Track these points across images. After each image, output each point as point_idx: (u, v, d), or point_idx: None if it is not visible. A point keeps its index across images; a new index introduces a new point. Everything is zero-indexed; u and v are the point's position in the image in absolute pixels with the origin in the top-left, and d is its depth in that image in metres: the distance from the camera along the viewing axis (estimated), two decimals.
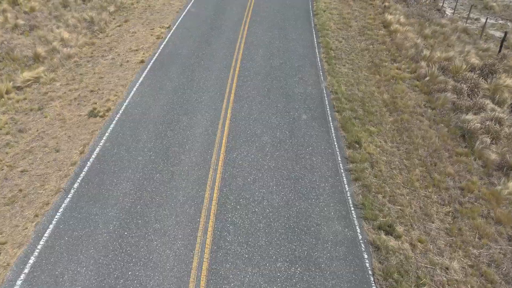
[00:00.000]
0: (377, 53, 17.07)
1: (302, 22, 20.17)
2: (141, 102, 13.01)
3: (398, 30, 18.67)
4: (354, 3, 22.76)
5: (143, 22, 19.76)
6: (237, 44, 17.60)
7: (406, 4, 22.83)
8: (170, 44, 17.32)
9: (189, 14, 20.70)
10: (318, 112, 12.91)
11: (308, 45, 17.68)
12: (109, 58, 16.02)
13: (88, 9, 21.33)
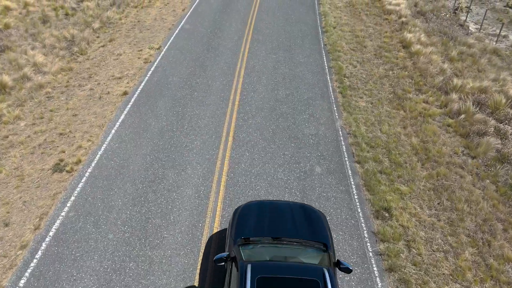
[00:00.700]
0: (398, 81, 14.75)
1: (310, 42, 17.87)
2: (119, 150, 10.71)
3: (420, 52, 16.36)
4: (367, 17, 20.47)
5: (131, 41, 17.47)
6: (236, 69, 15.31)
7: (425, 18, 20.54)
8: (159, 70, 15.02)
9: (183, 32, 18.42)
10: (335, 162, 10.60)
11: (318, 71, 15.37)
12: (87, 89, 13.73)
13: (71, 24, 19.07)
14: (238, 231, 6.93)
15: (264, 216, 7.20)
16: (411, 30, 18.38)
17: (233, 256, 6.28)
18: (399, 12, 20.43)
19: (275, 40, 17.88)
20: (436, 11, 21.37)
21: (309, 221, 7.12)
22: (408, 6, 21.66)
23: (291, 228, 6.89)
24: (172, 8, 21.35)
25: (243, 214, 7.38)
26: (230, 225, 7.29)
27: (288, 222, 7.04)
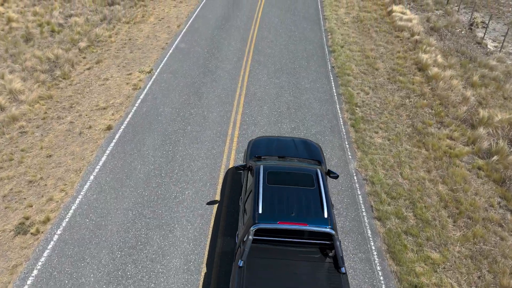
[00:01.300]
0: (416, 111, 13.17)
1: (316, 63, 16.32)
2: (96, 204, 9.11)
3: (438, 75, 14.81)
4: (377, 35, 18.94)
5: (120, 63, 15.92)
6: (235, 97, 13.74)
7: (439, 35, 19.02)
8: (149, 98, 13.46)
9: (177, 52, 16.88)
10: (351, 219, 8.99)
11: (326, 99, 13.81)
12: (66, 122, 12.16)
13: (56, 43, 17.54)
14: (252, 152, 9.02)
15: (273, 144, 9.27)
16: (426, 49, 16.84)
17: (249, 166, 8.25)
18: (412, 29, 18.91)
19: (278, 62, 16.33)
20: (450, 27, 19.88)
21: (307, 148, 9.20)
22: (420, 22, 20.15)
23: (293, 151, 8.99)
24: (166, 24, 19.85)
25: (256, 142, 9.41)
26: (246, 152, 9.36)
27: (291, 148, 9.11)
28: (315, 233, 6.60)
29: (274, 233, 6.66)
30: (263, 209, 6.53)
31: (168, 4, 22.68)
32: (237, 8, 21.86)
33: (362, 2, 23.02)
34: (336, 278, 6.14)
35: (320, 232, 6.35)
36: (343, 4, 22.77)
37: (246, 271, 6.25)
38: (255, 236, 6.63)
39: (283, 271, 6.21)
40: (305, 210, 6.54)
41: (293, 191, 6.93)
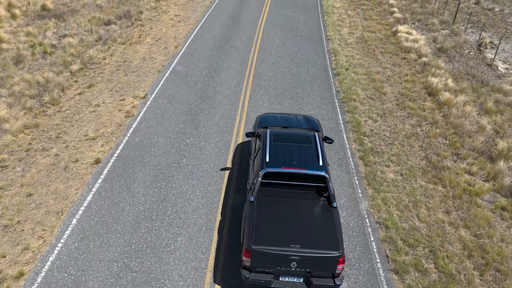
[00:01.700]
0: (429, 141, 12.25)
1: (320, 87, 15.50)
2: (78, 254, 8.09)
3: (451, 101, 13.95)
4: (383, 56, 18.18)
5: (113, 87, 15.09)
6: (235, 125, 12.85)
7: (448, 57, 18.26)
8: (142, 126, 12.57)
9: (174, 75, 16.08)
10: (364, 272, 7.96)
11: (331, 127, 12.91)
12: (51, 154, 11.22)
13: (47, 65, 16.76)
14: (260, 123, 10.32)
15: (277, 118, 10.51)
16: (435, 73, 16.03)
17: (257, 133, 9.49)
18: (419, 50, 18.17)
19: (280, 86, 15.50)
20: (458, 48, 19.15)
21: (307, 121, 10.42)
22: (427, 42, 19.43)
23: (295, 123, 10.21)
24: (163, 45, 19.12)
25: (263, 116, 10.70)
26: (254, 124, 10.65)
27: (294, 121, 10.34)
28: (312, 177, 8.23)
29: (279, 178, 8.24)
30: (270, 158, 8.06)
31: (166, 23, 22.04)
32: (237, 28, 21.20)
33: (366, 22, 22.38)
34: (329, 210, 7.62)
35: (316, 175, 7.98)
36: (346, 23, 22.13)
37: (256, 205, 7.67)
38: (263, 180, 8.16)
39: (286, 206, 7.65)
40: (304, 160, 8.02)
41: (294, 147, 8.41)
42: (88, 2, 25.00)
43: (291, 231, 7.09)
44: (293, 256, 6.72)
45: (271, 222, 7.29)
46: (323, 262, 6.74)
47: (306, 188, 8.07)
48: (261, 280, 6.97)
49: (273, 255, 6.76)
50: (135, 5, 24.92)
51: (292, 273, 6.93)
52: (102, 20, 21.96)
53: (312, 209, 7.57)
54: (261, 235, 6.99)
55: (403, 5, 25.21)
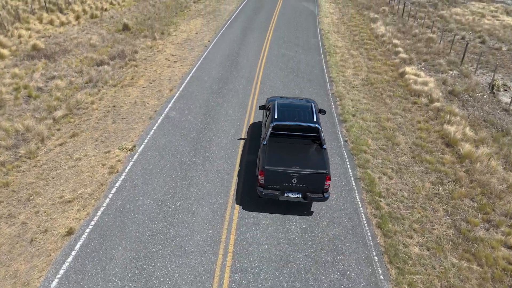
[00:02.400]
0: (455, 204, 10.72)
1: (326, 136, 14.12)
2: None
3: (472, 154, 12.55)
4: (392, 101, 16.99)
5: (98, 137, 13.72)
6: (232, 183, 11.34)
7: (460, 101, 17.09)
8: (127, 186, 11.05)
9: (166, 122, 14.77)
10: None
11: (341, 185, 11.42)
12: (18, 222, 9.63)
13: (30, 111, 15.47)
14: (269, 101, 13.10)
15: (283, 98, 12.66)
16: (451, 120, 14.76)
17: (267, 106, 12.35)
18: (429, 94, 17.02)
19: None
20: (471, 91, 18.05)
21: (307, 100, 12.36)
22: (437, 85, 18.33)
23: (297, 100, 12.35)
24: (157, 88, 17.97)
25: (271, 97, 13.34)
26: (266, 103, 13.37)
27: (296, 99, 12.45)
28: (308, 128, 10.70)
29: (284, 130, 10.78)
30: (277, 116, 10.83)
31: (161, 64, 21.06)
32: (235, 69, 20.19)
33: (370, 62, 21.45)
34: (320, 150, 10.25)
35: (311, 127, 10.61)
36: (349, 64, 21.18)
37: (267, 146, 10.31)
38: (272, 131, 10.74)
39: (289, 147, 10.34)
40: (302, 117, 10.80)
41: (296, 110, 11.16)
42: (82, 41, 24.19)
43: (292, 159, 9.85)
44: (294, 174, 9.45)
45: (278, 154, 10.06)
46: (315, 178, 9.47)
47: (304, 137, 10.88)
48: (271, 194, 9.69)
49: (280, 172, 9.47)
50: (131, 44, 24.10)
51: (293, 189, 9.66)
52: (95, 61, 20.97)
53: (308, 149, 10.37)
54: (271, 160, 9.80)
55: (407, 45, 24.44)
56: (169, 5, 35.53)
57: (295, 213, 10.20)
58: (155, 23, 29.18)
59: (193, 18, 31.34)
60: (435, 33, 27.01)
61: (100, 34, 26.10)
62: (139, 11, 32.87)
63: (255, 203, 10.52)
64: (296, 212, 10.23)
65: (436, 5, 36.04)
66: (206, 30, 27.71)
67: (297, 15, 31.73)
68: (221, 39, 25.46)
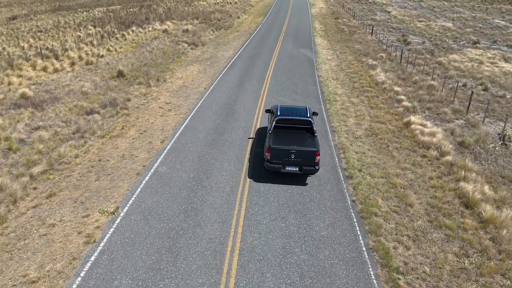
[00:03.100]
0: (486, 282, 9.19)
1: (330, 195, 12.82)
2: None
3: (496, 219, 11.19)
4: (399, 153, 15.85)
5: (78, 197, 12.33)
6: (226, 254, 9.82)
7: (473, 154, 15.99)
8: (103, 260, 9.50)
9: (155, 179, 13.46)
10: None
11: (351, 258, 9.91)
12: None
13: (7, 166, 14.17)
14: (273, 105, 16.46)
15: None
16: (466, 177, 13.54)
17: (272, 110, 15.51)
18: (439, 146, 15.94)
19: (283, 194, 12.79)
20: (481, 142, 17.03)
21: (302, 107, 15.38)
22: (445, 136, 17.33)
23: None
24: (148, 139, 16.84)
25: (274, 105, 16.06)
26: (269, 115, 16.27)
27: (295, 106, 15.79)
28: (303, 121, 14.27)
29: (285, 123, 14.35)
30: (280, 113, 14.45)
31: (154, 112, 20.12)
32: (232, 118, 19.23)
33: (373, 111, 20.61)
34: (312, 137, 13.75)
35: (305, 120, 14.19)
36: (351, 113, 20.32)
37: (272, 133, 13.85)
38: (276, 124, 14.33)
39: (289, 134, 13.87)
40: (299, 114, 14.38)
41: (294, 110, 14.73)
42: (74, 89, 23.43)
43: (291, 141, 13.18)
44: (292, 151, 12.68)
45: (281, 138, 13.43)
46: (308, 153, 12.68)
47: (300, 129, 14.30)
48: (275, 167, 12.92)
49: (282, 149, 12.72)
50: (124, 91, 23.34)
51: (292, 163, 12.85)
52: (85, 109, 20.01)
53: (303, 135, 13.73)
54: (275, 141, 13.16)
55: (408, 92, 23.81)
56: (166, 51, 35.47)
57: (297, 255, 8.62)
58: (151, 69, 28.73)
59: (190, 65, 31.03)
60: (435, 80, 26.57)
61: (93, 81, 25.46)
62: (135, 57, 32.64)
63: (251, 282, 8.96)
64: (297, 261, 8.64)
65: (433, 52, 36.19)
66: (203, 77, 27.20)
67: (294, 61, 31.53)
68: (217, 86, 24.82)
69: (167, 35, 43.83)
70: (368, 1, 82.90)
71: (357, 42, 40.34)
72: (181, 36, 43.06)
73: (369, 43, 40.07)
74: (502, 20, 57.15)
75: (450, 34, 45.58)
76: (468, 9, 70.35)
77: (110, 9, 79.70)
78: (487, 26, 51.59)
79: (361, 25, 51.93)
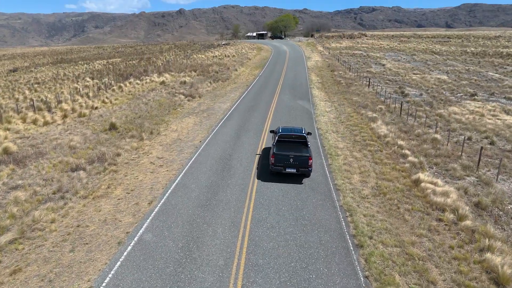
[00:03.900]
0: None
1: (340, 269, 11.11)
2: None
3: None
4: (412, 217, 14.33)
5: (47, 273, 10.57)
6: None
7: (491, 216, 14.53)
8: None
9: (138, 249, 11.79)
10: None
11: None
12: None
13: None
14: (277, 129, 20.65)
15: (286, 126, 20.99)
16: (491, 246, 11.99)
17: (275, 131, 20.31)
18: (454, 208, 14.51)
19: (284, 266, 11.08)
20: (498, 203, 15.66)
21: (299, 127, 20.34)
22: (459, 196, 15.96)
23: None
24: (135, 199, 15.34)
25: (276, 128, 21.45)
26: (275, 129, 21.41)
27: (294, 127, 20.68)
28: (300, 137, 18.54)
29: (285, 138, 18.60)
30: (281, 130, 19.00)
31: (144, 168, 18.79)
32: (228, 175, 17.89)
33: (378, 167, 19.39)
34: (306, 148, 17.91)
35: (300, 135, 18.57)
36: (355, 169, 19.07)
37: (275, 144, 18.12)
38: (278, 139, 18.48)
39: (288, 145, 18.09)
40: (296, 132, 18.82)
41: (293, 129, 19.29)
42: (62, 143, 22.27)
43: (290, 150, 17.40)
44: (291, 156, 16.68)
45: (282, 148, 17.70)
46: (302, 158, 16.67)
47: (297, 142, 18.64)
48: (278, 169, 16.91)
49: (283, 155, 16.76)
50: (115, 145, 22.18)
51: (291, 166, 16.76)
52: (70, 165, 18.66)
53: (299, 146, 18.13)
54: (278, 149, 17.44)
55: (412, 146, 22.81)
56: (162, 103, 34.99)
57: None
58: (145, 121, 27.89)
59: (186, 117, 30.30)
60: (438, 133, 25.73)
61: (84, 134, 24.41)
62: (130, 109, 31.99)
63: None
64: None
65: (431, 104, 35.91)
66: (198, 129, 26.27)
67: (292, 113, 30.91)
68: (213, 139, 23.79)
69: (164, 87, 43.81)
70: (363, 54, 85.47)
71: (354, 94, 40.25)
72: (178, 88, 43.02)
73: (367, 95, 39.98)
74: (496, 73, 58.25)
75: (446, 87, 45.87)
76: (461, 62, 72.25)
77: (110, 62, 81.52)
78: (482, 79, 52.29)
79: (357, 77, 52.54)
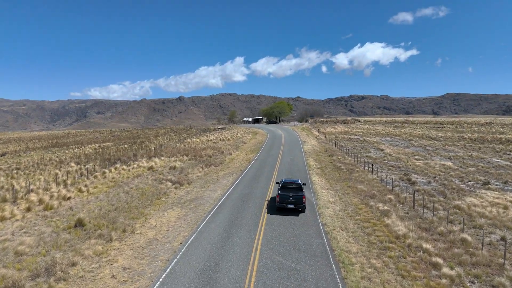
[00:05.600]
0: None
1: None
2: None
3: None
4: None
5: None
6: None
7: None
8: None
9: None
10: None
11: None
12: None
13: None
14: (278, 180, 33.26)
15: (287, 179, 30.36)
16: None
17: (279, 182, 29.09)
18: None
19: None
20: None
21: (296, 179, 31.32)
22: None
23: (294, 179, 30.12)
24: None
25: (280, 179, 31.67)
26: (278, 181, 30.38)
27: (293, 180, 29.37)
28: (297, 184, 27.29)
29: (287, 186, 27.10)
30: (284, 181, 28.22)
31: (101, 286, 14.30)
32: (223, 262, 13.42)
33: (406, 283, 15.04)
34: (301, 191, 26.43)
35: (297, 183, 27.44)
36: (378, 286, 14.70)
37: (280, 190, 26.42)
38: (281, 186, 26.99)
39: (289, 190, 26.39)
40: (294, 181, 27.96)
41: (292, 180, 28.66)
42: (8, 247, 17.90)
43: (290, 192, 25.74)
44: (291, 196, 25.15)
45: (285, 191, 25.93)
46: (298, 197, 25.14)
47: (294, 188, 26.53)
48: (281, 205, 25.16)
49: (285, 195, 25.23)
50: (74, 249, 17.85)
51: (291, 202, 25.01)
52: (4, 283, 14.21)
53: (296, 190, 26.27)
54: (282, 191, 25.92)
55: (441, 250, 18.71)
56: (145, 191, 31.26)
57: None
58: (120, 215, 23.84)
59: (169, 208, 26.37)
60: (465, 231, 21.76)
61: (41, 233, 20.17)
62: (108, 200, 28.10)
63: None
64: None
65: (444, 194, 32.51)
66: (181, 226, 22.19)
67: None
68: (197, 240, 19.60)
69: (152, 173, 40.50)
70: (359, 139, 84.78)
71: (358, 181, 36.97)
72: (166, 174, 39.71)
73: (371, 182, 36.70)
74: (500, 159, 56.17)
75: (454, 174, 42.98)
76: (460, 148, 70.92)
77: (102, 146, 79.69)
78: (488, 165, 49.85)
79: (357, 162, 49.95)
